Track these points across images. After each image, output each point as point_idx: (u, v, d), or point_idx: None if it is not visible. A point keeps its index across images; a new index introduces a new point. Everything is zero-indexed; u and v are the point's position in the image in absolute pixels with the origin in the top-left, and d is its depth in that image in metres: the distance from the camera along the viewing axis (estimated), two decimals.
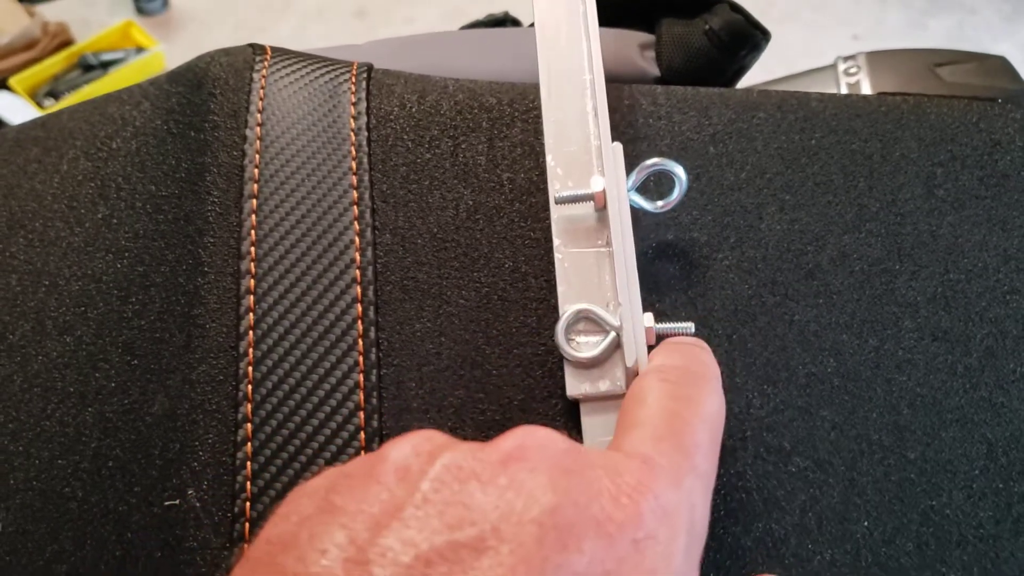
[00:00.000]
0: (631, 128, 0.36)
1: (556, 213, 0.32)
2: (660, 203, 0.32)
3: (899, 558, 0.29)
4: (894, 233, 0.33)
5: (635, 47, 0.43)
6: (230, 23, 1.83)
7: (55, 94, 1.64)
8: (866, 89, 0.59)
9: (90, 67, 1.68)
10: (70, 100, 1.61)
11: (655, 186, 0.34)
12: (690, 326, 0.30)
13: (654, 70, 0.42)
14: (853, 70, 0.61)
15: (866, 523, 0.30)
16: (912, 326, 0.32)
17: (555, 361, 0.32)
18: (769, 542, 0.29)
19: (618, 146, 0.32)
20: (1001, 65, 0.59)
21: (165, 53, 1.73)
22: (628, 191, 0.32)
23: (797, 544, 0.29)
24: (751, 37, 0.41)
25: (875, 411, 0.31)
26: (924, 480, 0.30)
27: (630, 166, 0.32)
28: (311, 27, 1.81)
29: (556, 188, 0.33)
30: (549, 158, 0.33)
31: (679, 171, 0.31)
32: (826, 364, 0.32)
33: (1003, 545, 0.29)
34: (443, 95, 0.37)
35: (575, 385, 0.30)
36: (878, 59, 0.61)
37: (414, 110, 0.36)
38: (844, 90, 0.60)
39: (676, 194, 0.32)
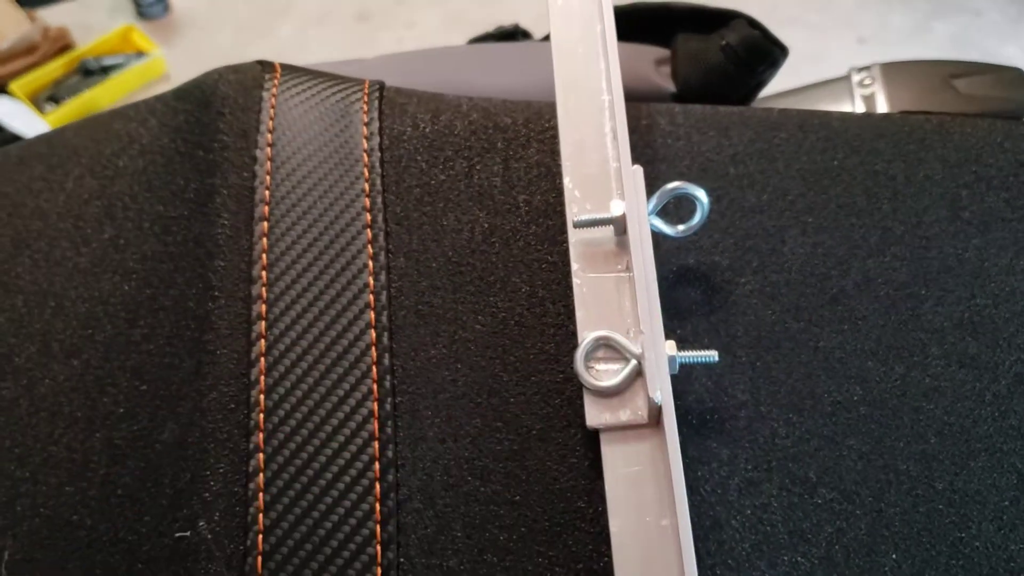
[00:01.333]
0: (649, 149, 0.35)
1: (574, 237, 0.32)
2: (681, 227, 0.32)
3: None
4: (919, 257, 0.33)
5: (650, 63, 0.42)
6: (231, 27, 1.82)
7: (56, 99, 1.63)
8: (881, 101, 0.58)
9: (90, 72, 1.67)
10: (71, 105, 1.61)
11: (675, 209, 0.34)
12: (714, 355, 0.30)
13: (670, 86, 0.41)
14: (868, 81, 0.61)
15: (894, 555, 0.29)
16: (939, 352, 0.31)
17: (574, 389, 0.31)
18: None
19: (639, 169, 0.31)
20: (1018, 76, 0.59)
21: (166, 57, 1.72)
22: (648, 215, 0.31)
23: None
24: (769, 53, 0.40)
25: (902, 440, 0.30)
26: (953, 511, 0.29)
27: (649, 188, 0.32)
28: (312, 31, 1.80)
29: (574, 211, 0.32)
30: (567, 180, 0.32)
31: (701, 195, 0.31)
32: (852, 392, 0.31)
33: None
34: (457, 114, 0.36)
35: (595, 415, 0.29)
36: (893, 71, 0.61)
37: (428, 130, 0.36)
38: (859, 102, 0.59)
39: (698, 218, 0.31)
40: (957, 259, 0.33)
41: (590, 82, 0.34)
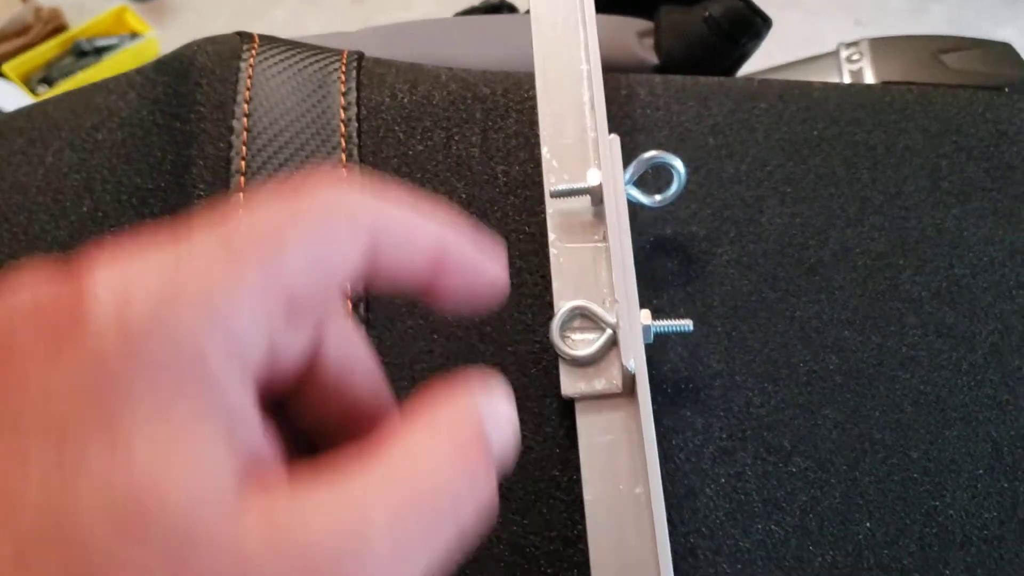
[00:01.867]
0: (628, 119, 0.35)
1: (551, 207, 0.31)
2: (658, 197, 0.31)
3: (902, 559, 0.29)
4: (898, 227, 0.33)
5: (633, 35, 0.42)
6: (225, 8, 1.81)
7: (49, 80, 1.62)
8: (869, 76, 0.58)
9: (84, 53, 1.66)
10: (64, 86, 1.60)
11: (653, 179, 0.34)
12: (688, 324, 0.30)
13: (652, 58, 0.41)
14: (856, 57, 0.60)
15: (868, 524, 0.29)
16: (916, 322, 0.31)
17: (550, 359, 0.31)
18: (769, 544, 0.29)
19: (615, 138, 0.31)
20: (1006, 52, 0.58)
21: (159, 39, 1.71)
22: (625, 185, 0.31)
23: (798, 546, 0.29)
24: (752, 24, 0.40)
25: (878, 409, 0.30)
26: (927, 480, 0.29)
27: (627, 158, 0.31)
28: (307, 13, 1.80)
29: (552, 181, 0.32)
30: (545, 150, 0.32)
31: (678, 164, 0.31)
32: (828, 361, 0.31)
33: (1007, 546, 0.29)
34: (436, 85, 0.36)
35: (570, 384, 0.29)
36: (881, 46, 0.60)
37: (406, 101, 0.35)
38: (847, 77, 0.59)
39: (674, 188, 0.31)
40: (936, 229, 0.33)
41: (569, 52, 0.34)
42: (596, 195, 0.30)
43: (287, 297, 0.17)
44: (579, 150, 0.32)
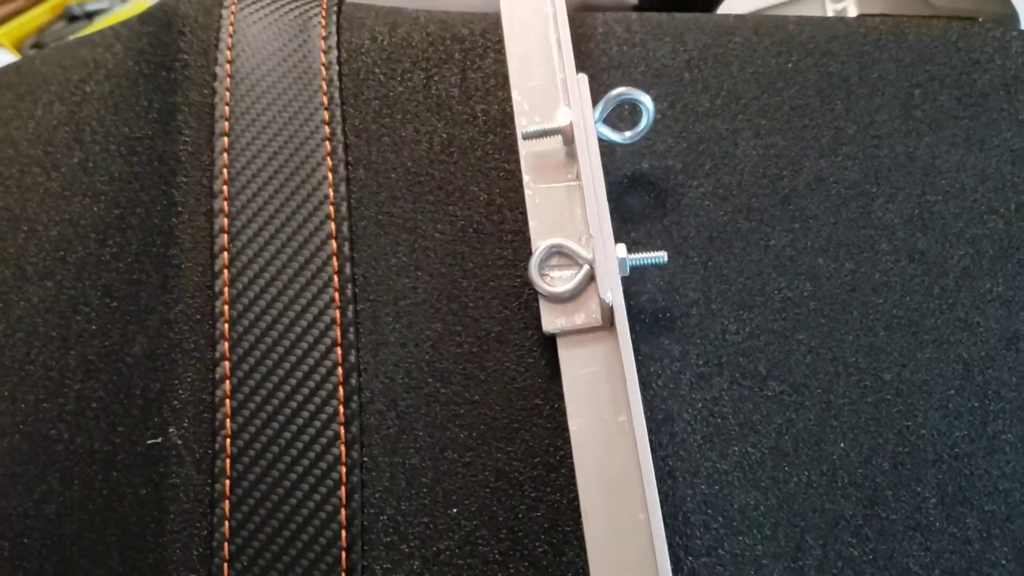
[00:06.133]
0: (605, 56, 0.35)
1: (524, 149, 0.32)
2: (628, 134, 0.32)
3: (875, 478, 0.30)
4: (871, 156, 0.33)
5: None
6: None
7: (40, 46, 1.61)
8: (853, 13, 0.58)
9: (75, 17, 1.65)
10: None
11: (629, 115, 0.34)
12: (663, 256, 0.30)
13: None
14: None
15: (842, 444, 0.30)
16: (889, 248, 0.32)
17: (531, 293, 0.32)
18: (745, 465, 0.30)
19: (583, 77, 0.31)
20: None
21: (149, 0, 1.70)
22: (596, 123, 0.31)
23: (773, 466, 0.30)
24: None
25: (851, 334, 0.31)
26: (900, 401, 0.30)
27: (605, 94, 0.32)
28: None
29: (523, 123, 0.32)
30: (515, 93, 0.33)
31: (646, 100, 0.31)
32: (802, 288, 0.31)
33: (977, 463, 0.30)
34: (415, 26, 0.36)
35: (550, 320, 0.30)
36: None
37: (385, 43, 0.36)
38: (830, 15, 0.59)
39: (644, 124, 0.32)
40: (908, 157, 0.33)
41: None
42: (567, 135, 0.31)
43: None
44: (549, 91, 0.32)
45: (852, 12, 0.60)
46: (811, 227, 0.32)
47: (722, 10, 0.58)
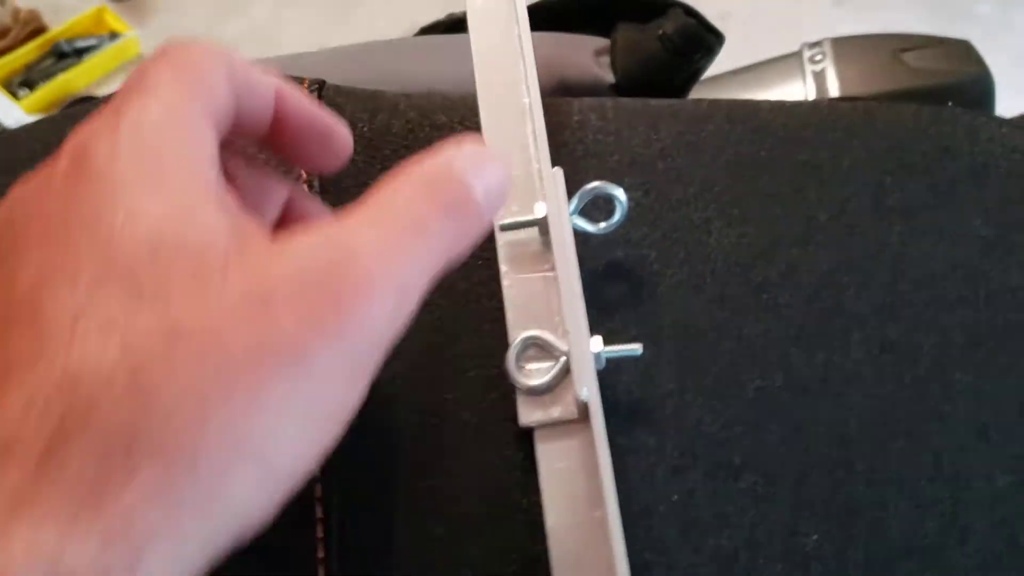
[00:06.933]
0: (580, 145, 0.36)
1: (502, 239, 0.32)
2: (603, 225, 0.32)
3: (847, 570, 0.30)
4: (843, 244, 0.34)
5: (590, 53, 0.42)
6: (205, 4, 1.81)
7: (29, 83, 1.62)
8: (831, 77, 0.58)
9: (64, 55, 1.66)
10: (45, 89, 1.60)
11: (605, 203, 0.35)
12: (638, 348, 0.31)
13: (609, 76, 0.42)
14: (818, 57, 0.61)
15: (815, 536, 0.30)
16: (860, 338, 0.32)
17: (509, 384, 0.32)
18: (720, 558, 0.30)
19: (558, 171, 0.32)
20: (965, 49, 0.59)
21: (140, 38, 1.71)
22: (571, 215, 0.32)
23: (748, 559, 0.30)
24: (704, 41, 0.41)
25: (823, 425, 0.31)
26: (872, 492, 0.31)
27: (580, 183, 0.32)
28: (286, 8, 1.79)
29: (501, 214, 0.33)
30: None
31: (619, 194, 0.32)
32: (775, 379, 0.32)
33: (948, 554, 0.30)
34: (394, 114, 0.37)
35: (527, 413, 0.30)
36: (843, 46, 0.61)
37: (366, 130, 0.36)
38: (809, 78, 0.60)
39: (618, 216, 0.32)
40: (879, 246, 0.34)
41: (511, 86, 0.34)
42: (543, 226, 0.31)
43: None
44: (526, 182, 0.33)
45: (830, 72, 0.61)
46: (784, 316, 0.33)
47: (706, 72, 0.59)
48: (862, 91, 0.57)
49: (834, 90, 0.58)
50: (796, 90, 0.59)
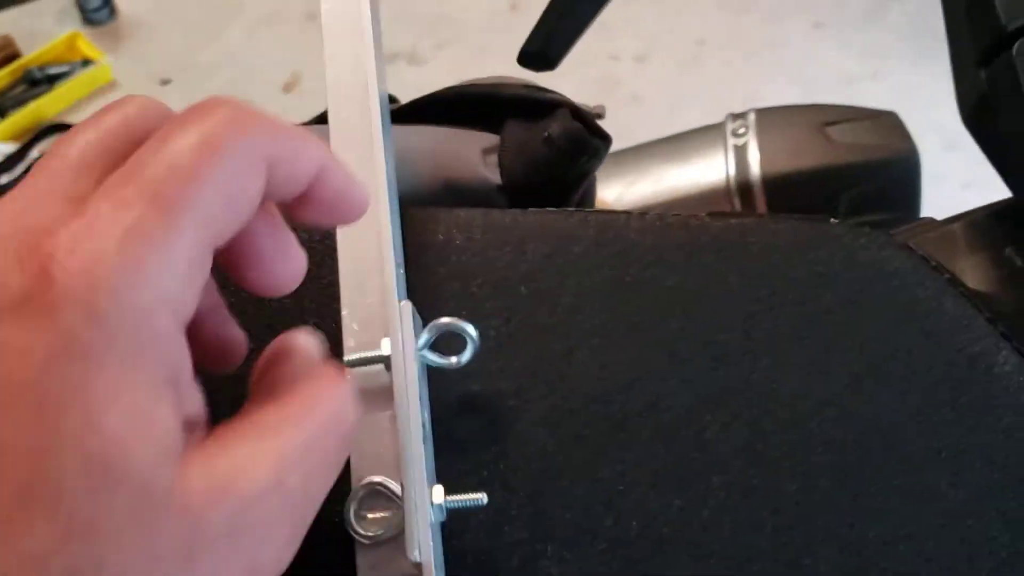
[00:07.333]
0: (443, 266, 0.34)
1: (348, 375, 0.31)
2: (454, 360, 0.31)
3: None
4: (707, 379, 0.32)
5: (478, 151, 0.41)
6: (179, 30, 1.80)
7: (1, 110, 1.61)
8: (753, 150, 0.57)
9: (36, 81, 1.65)
10: (17, 116, 1.59)
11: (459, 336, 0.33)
12: (482, 497, 0.29)
13: (496, 177, 0.41)
14: (741, 131, 0.60)
15: None
16: (720, 482, 0.31)
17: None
18: None
19: (407, 305, 0.30)
20: (891, 123, 0.58)
21: (112, 63, 1.70)
22: (421, 349, 0.31)
23: None
24: (589, 145, 0.39)
25: None
26: None
27: (440, 309, 0.31)
28: (262, 32, 1.78)
29: (351, 345, 0.31)
30: (345, 312, 0.32)
31: (470, 331, 0.30)
32: (629, 527, 0.30)
33: None
34: None
35: (365, 569, 0.29)
36: (767, 117, 0.60)
37: None
38: (731, 153, 0.58)
39: (468, 353, 0.31)
40: (744, 382, 0.32)
41: (367, 216, 0.33)
42: (389, 364, 0.30)
43: (211, 243, 0.20)
44: (379, 312, 0.32)
45: (752, 145, 0.59)
46: (642, 458, 0.31)
47: (626, 142, 0.57)
48: (783, 168, 0.55)
49: (755, 165, 0.56)
50: (717, 164, 0.58)
